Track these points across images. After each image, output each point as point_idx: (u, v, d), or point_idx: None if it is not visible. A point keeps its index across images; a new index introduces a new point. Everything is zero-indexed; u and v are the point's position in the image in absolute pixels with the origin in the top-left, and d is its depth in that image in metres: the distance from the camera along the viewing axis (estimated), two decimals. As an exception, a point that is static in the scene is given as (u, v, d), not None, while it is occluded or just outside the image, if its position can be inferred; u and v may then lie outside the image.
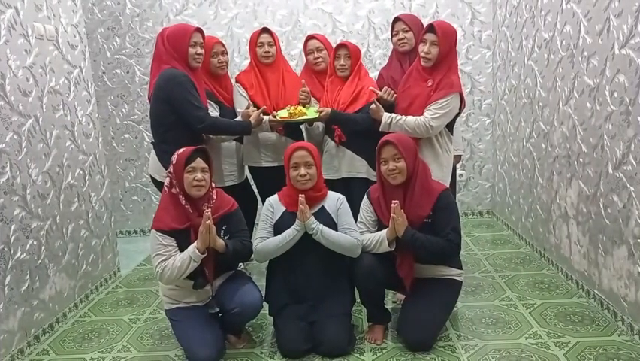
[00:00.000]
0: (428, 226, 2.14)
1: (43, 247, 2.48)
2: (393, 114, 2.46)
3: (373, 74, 3.39)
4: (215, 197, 2.17)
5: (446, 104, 2.37)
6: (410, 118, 2.42)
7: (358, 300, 2.34)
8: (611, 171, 2.28)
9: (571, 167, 2.69)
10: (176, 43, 2.39)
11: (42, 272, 2.47)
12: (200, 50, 2.45)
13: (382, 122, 2.45)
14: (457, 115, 2.51)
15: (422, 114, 2.40)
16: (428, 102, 2.40)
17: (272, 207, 2.26)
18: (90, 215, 2.97)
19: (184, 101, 2.36)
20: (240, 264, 2.36)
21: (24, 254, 2.33)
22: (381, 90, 2.60)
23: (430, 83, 2.41)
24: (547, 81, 2.95)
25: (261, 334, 2.39)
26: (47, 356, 2.32)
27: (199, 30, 2.46)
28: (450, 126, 2.52)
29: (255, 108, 2.63)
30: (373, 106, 2.47)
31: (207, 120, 2.43)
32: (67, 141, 2.76)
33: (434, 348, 2.15)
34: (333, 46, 2.77)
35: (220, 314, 2.19)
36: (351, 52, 2.65)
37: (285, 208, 2.23)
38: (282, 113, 2.60)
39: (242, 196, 2.63)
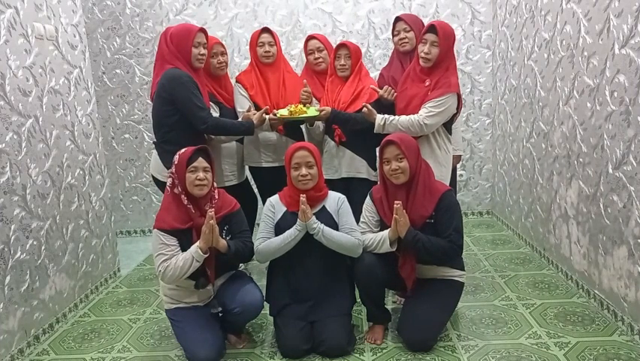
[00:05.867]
0: (430, 226, 2.14)
1: (43, 247, 2.48)
2: (386, 115, 2.46)
3: (373, 74, 3.40)
4: (217, 197, 2.17)
5: (442, 104, 2.37)
6: (403, 117, 2.42)
7: (358, 300, 2.35)
8: (611, 171, 2.28)
9: (571, 167, 2.69)
10: (179, 44, 2.39)
11: (42, 272, 2.47)
12: (203, 51, 2.45)
13: (376, 124, 2.46)
14: (455, 116, 2.51)
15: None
16: (424, 101, 2.40)
17: (273, 207, 2.26)
18: (90, 215, 2.97)
19: (187, 102, 2.36)
20: (240, 264, 2.36)
21: (24, 254, 2.33)
22: (381, 90, 2.61)
23: (427, 83, 2.41)
24: (547, 81, 2.96)
25: (261, 334, 2.39)
26: (47, 356, 2.32)
27: (203, 30, 2.46)
28: (447, 126, 2.52)
29: (256, 110, 2.63)
30: (365, 110, 2.47)
31: (210, 121, 2.43)
32: (67, 141, 2.76)
33: (434, 348, 2.15)
34: (334, 46, 2.77)
35: (221, 314, 2.19)
36: (352, 52, 2.65)
37: (286, 208, 2.22)
38: (283, 112, 2.60)
39: (242, 196, 2.62)
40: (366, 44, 3.97)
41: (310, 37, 2.84)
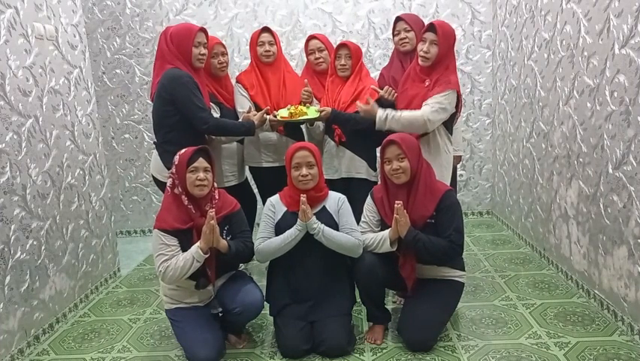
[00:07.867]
0: (431, 226, 2.14)
1: (43, 247, 2.48)
2: (388, 110, 2.41)
3: (374, 74, 3.39)
4: (217, 197, 2.17)
5: (444, 99, 2.34)
6: (406, 112, 2.37)
7: (358, 300, 2.34)
8: (611, 171, 2.28)
9: (571, 167, 2.69)
10: (180, 43, 2.39)
11: (42, 272, 2.46)
12: (203, 51, 2.44)
13: (377, 117, 2.39)
14: (455, 115, 2.50)
15: None
16: (426, 99, 2.39)
17: (273, 207, 2.26)
18: (90, 215, 2.97)
19: (188, 102, 2.35)
20: (240, 264, 2.36)
21: (24, 254, 2.33)
22: (382, 90, 2.61)
23: (427, 83, 2.41)
24: (547, 81, 2.96)
25: (261, 334, 2.39)
26: (47, 356, 2.32)
27: (203, 30, 2.45)
28: (448, 126, 2.51)
29: (256, 111, 2.63)
30: (363, 107, 2.45)
31: (211, 121, 2.42)
32: (67, 141, 2.76)
33: (434, 348, 2.15)
34: (334, 46, 2.77)
35: (221, 314, 2.19)
36: (352, 52, 2.65)
37: (286, 208, 2.22)
38: (283, 113, 2.59)
39: (242, 196, 2.62)
40: (366, 44, 3.97)
41: (311, 37, 2.84)
